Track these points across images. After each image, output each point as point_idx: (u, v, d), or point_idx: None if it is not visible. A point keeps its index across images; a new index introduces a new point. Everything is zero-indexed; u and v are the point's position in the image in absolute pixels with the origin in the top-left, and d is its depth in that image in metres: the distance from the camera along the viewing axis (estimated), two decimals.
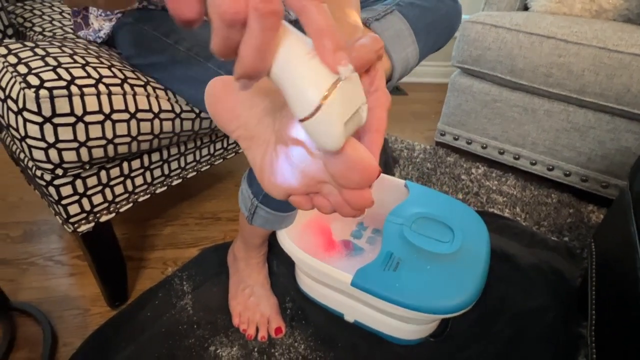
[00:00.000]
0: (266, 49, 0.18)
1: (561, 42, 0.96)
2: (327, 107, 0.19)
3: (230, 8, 0.16)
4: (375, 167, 0.24)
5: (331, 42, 0.19)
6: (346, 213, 0.25)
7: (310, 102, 0.19)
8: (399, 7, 0.51)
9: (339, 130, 0.20)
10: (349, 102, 0.21)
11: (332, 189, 0.25)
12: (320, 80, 0.19)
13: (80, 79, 0.48)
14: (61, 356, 0.63)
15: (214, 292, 0.74)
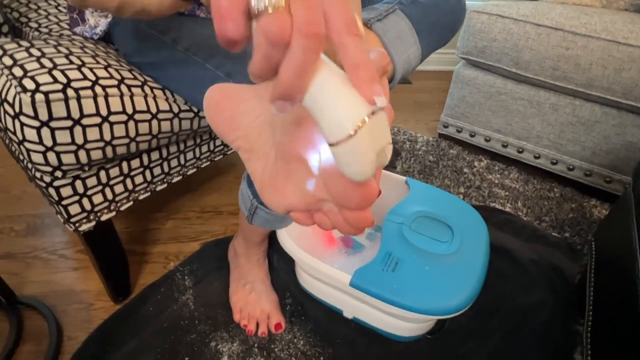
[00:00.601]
0: (306, 70, 0.18)
1: (569, 34, 0.93)
2: (362, 134, 0.19)
3: (277, 27, 0.17)
4: (375, 189, 0.24)
5: (368, 74, 0.19)
6: (346, 231, 0.25)
7: (345, 127, 0.19)
8: (402, 5, 0.49)
9: (370, 158, 0.20)
10: (380, 135, 0.21)
11: (333, 206, 0.25)
12: (358, 107, 0.19)
13: (77, 81, 0.47)
14: (66, 350, 0.65)
15: (215, 287, 0.75)
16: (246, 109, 0.29)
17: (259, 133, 0.28)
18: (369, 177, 0.21)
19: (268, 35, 0.17)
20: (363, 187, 0.23)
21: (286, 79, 0.19)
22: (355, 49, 0.20)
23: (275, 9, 0.18)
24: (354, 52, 0.20)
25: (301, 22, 0.18)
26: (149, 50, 0.54)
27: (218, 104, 0.29)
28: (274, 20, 0.17)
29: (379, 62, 0.27)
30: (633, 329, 0.49)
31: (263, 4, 0.18)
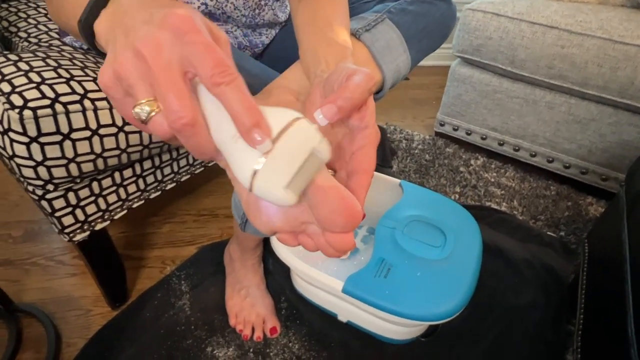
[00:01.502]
0: (199, 145, 0.22)
1: (564, 33, 0.92)
2: (259, 181, 0.21)
3: (156, 132, 0.22)
4: (359, 212, 0.24)
5: (247, 121, 0.20)
6: (329, 254, 0.26)
7: (244, 180, 0.21)
8: (390, 14, 0.49)
9: (279, 193, 0.22)
10: (288, 161, 0.22)
11: (317, 229, 0.25)
12: (245, 160, 0.21)
13: (65, 95, 0.47)
14: (65, 357, 0.66)
15: (211, 292, 0.76)
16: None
17: None
18: (291, 202, 0.22)
19: (156, 136, 0.21)
20: (347, 211, 0.23)
21: (193, 153, 0.23)
22: (231, 96, 0.21)
23: (149, 117, 0.21)
24: (231, 100, 0.21)
25: (170, 119, 0.21)
26: None
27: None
28: (151, 129, 0.22)
29: (366, 85, 0.27)
30: (622, 330, 0.49)
31: (141, 116, 0.21)
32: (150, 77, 0.21)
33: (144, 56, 0.21)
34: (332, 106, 0.26)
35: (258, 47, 0.65)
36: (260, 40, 0.65)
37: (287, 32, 0.67)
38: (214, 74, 0.20)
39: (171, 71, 0.21)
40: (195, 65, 0.21)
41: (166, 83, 0.21)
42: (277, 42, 0.67)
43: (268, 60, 0.68)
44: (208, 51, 0.20)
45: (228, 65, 0.21)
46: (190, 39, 0.21)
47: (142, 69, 0.21)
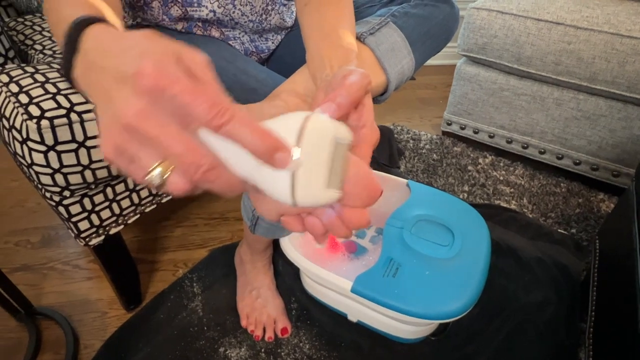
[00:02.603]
0: (224, 186, 0.22)
1: (571, 28, 0.92)
2: (300, 194, 0.21)
3: (175, 192, 0.21)
4: (379, 187, 0.25)
5: (266, 150, 0.20)
6: (340, 233, 0.26)
7: (286, 200, 0.22)
8: (394, 17, 0.50)
9: (323, 195, 0.22)
10: (318, 162, 0.22)
11: (328, 208, 0.26)
12: (278, 181, 0.21)
13: (79, 105, 0.49)
14: (83, 358, 0.68)
15: (222, 293, 0.77)
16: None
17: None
18: (337, 194, 0.23)
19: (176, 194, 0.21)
20: (371, 185, 0.25)
21: (223, 194, 0.22)
22: (238, 136, 0.20)
23: (164, 180, 0.21)
24: (240, 139, 0.20)
25: (189, 173, 0.20)
26: None
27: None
28: (170, 189, 0.21)
29: (361, 82, 0.28)
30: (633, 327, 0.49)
31: (155, 181, 0.21)
32: (151, 143, 0.20)
33: (134, 128, 0.20)
34: (331, 104, 0.27)
35: (264, 52, 0.66)
36: (266, 46, 0.66)
37: (293, 37, 0.68)
38: (212, 117, 0.20)
39: (169, 128, 0.20)
40: (190, 115, 0.20)
41: (170, 141, 0.20)
42: (283, 47, 0.68)
43: (274, 65, 0.69)
44: (195, 97, 0.19)
45: (221, 102, 0.20)
46: (171, 93, 0.19)
47: (139, 138, 0.20)
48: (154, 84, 0.19)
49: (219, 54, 0.54)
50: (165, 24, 0.56)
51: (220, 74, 0.51)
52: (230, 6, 0.56)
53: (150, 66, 0.19)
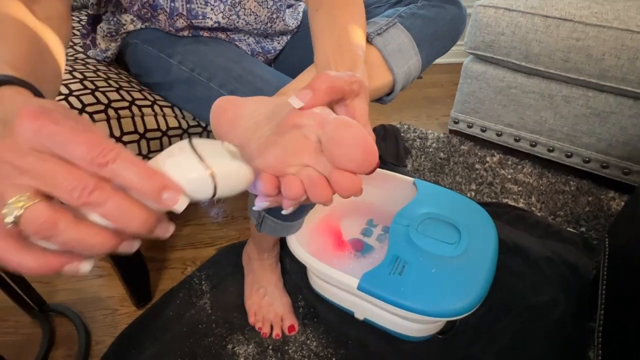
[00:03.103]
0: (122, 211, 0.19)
1: (579, 25, 0.91)
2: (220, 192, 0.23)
3: (38, 221, 0.18)
4: (376, 151, 0.25)
5: (153, 188, 0.19)
6: (321, 193, 0.26)
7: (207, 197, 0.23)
8: (401, 18, 0.50)
9: (241, 178, 0.24)
10: (222, 163, 0.23)
11: (313, 172, 0.26)
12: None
13: (91, 105, 0.50)
14: (95, 353, 0.69)
15: (230, 291, 0.78)
16: (246, 112, 0.31)
17: (256, 126, 0.30)
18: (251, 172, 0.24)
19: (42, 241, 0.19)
20: (367, 147, 0.25)
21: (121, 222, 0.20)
22: (124, 176, 0.19)
23: (23, 211, 0.18)
24: (124, 180, 0.19)
25: (65, 195, 0.18)
26: (157, 72, 0.56)
27: (224, 109, 0.31)
28: (25, 223, 0.18)
29: (341, 76, 0.28)
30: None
31: (10, 214, 0.18)
32: (22, 172, 0.18)
33: (2, 160, 0.18)
34: (308, 91, 0.26)
35: (270, 53, 0.67)
36: (272, 47, 0.67)
37: (299, 38, 0.68)
38: (95, 155, 0.18)
39: (45, 157, 0.18)
40: (70, 154, 0.18)
41: (46, 166, 0.18)
42: (290, 48, 0.69)
43: (281, 66, 0.69)
44: (76, 135, 0.18)
45: (105, 142, 0.19)
46: (49, 131, 0.18)
47: (7, 170, 0.18)
48: (34, 121, 0.18)
49: (225, 54, 0.55)
50: (172, 33, 0.57)
51: (227, 74, 0.52)
52: (234, 17, 0.57)
53: (34, 106, 0.19)
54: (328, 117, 0.26)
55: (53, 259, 0.19)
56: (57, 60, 0.34)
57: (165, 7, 0.53)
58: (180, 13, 0.54)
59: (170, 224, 0.22)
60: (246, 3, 0.56)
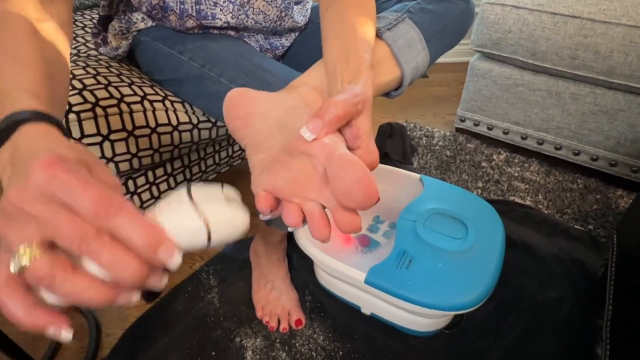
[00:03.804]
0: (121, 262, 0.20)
1: (587, 22, 0.90)
2: (214, 231, 0.23)
3: (39, 274, 0.20)
4: (376, 191, 0.26)
5: (150, 242, 0.20)
6: (320, 229, 0.27)
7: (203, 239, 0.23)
8: (410, 14, 0.51)
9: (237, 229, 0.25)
10: (219, 214, 0.24)
11: (315, 207, 0.27)
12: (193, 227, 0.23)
13: (104, 99, 0.52)
14: (105, 345, 0.70)
15: (238, 286, 0.79)
16: (259, 110, 0.32)
17: (268, 132, 0.31)
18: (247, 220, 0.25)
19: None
20: (368, 187, 0.25)
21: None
22: (123, 231, 0.20)
23: (29, 262, 0.19)
24: (125, 232, 0.20)
25: (67, 241, 0.19)
26: (168, 68, 0.57)
27: (237, 103, 0.32)
28: (31, 274, 0.19)
29: (348, 100, 0.29)
30: None
31: (19, 263, 0.19)
32: (29, 219, 0.20)
33: (14, 205, 0.20)
34: (318, 120, 0.27)
35: (279, 49, 0.68)
36: (280, 43, 0.68)
37: (308, 35, 0.69)
38: (97, 210, 0.19)
39: (53, 207, 0.20)
40: (75, 204, 0.19)
41: (52, 215, 0.19)
42: (298, 45, 0.69)
43: (289, 62, 0.70)
44: (86, 186, 0.19)
45: (111, 195, 0.20)
46: (62, 179, 0.19)
47: (19, 216, 0.20)
48: (48, 169, 0.19)
49: (235, 50, 0.56)
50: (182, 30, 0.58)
51: (237, 69, 0.53)
52: (243, 16, 0.57)
53: (51, 156, 0.20)
54: (334, 152, 0.27)
55: (40, 315, 0.20)
56: (66, 72, 0.35)
57: (175, 8, 0.54)
58: (189, 14, 0.55)
59: (164, 276, 0.22)
60: (255, 2, 0.57)
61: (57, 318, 0.20)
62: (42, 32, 0.33)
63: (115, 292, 0.20)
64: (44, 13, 0.35)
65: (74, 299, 0.20)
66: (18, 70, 0.29)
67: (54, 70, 0.32)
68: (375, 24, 0.44)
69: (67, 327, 0.20)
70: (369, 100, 0.31)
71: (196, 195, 0.23)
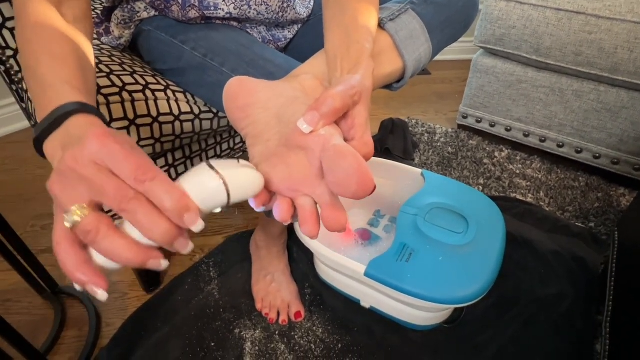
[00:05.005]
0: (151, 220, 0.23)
1: (592, 18, 0.90)
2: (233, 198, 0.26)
3: (87, 227, 0.23)
4: (372, 181, 0.26)
5: (178, 208, 0.23)
6: (306, 227, 0.28)
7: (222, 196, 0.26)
8: (413, 5, 0.50)
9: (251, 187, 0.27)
10: (237, 179, 0.26)
11: (308, 202, 0.28)
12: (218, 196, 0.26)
13: (106, 88, 0.51)
14: (104, 335, 0.70)
15: (238, 278, 0.79)
16: (259, 100, 0.32)
17: (267, 123, 0.31)
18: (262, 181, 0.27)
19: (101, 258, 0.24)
20: (362, 177, 0.25)
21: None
22: (155, 192, 0.23)
23: (79, 220, 0.23)
24: (156, 196, 0.23)
25: (109, 201, 0.23)
26: (169, 58, 0.57)
27: (237, 92, 0.32)
28: (81, 230, 0.23)
29: (345, 92, 0.29)
30: None
31: (70, 219, 0.23)
32: (83, 181, 0.23)
33: (69, 166, 0.23)
34: (315, 113, 0.28)
35: (281, 41, 0.67)
36: (283, 35, 0.67)
37: (310, 27, 0.69)
38: (136, 175, 0.22)
39: (102, 173, 0.23)
40: (119, 170, 0.23)
41: (100, 178, 0.23)
42: (301, 37, 0.69)
43: (291, 54, 0.70)
44: (129, 156, 0.23)
45: (148, 165, 0.23)
46: (110, 149, 0.23)
47: (73, 179, 0.23)
48: (100, 139, 0.23)
49: (237, 40, 0.56)
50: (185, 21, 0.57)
51: (239, 59, 0.52)
52: (245, 7, 0.57)
53: (103, 129, 0.24)
54: (329, 143, 0.27)
55: (86, 271, 0.24)
56: (93, 64, 0.38)
57: None
58: (192, 4, 0.55)
59: (189, 243, 0.25)
60: None
61: (99, 279, 0.24)
62: (68, 28, 0.36)
63: (148, 254, 0.23)
64: (67, 8, 0.38)
65: (112, 256, 0.23)
66: (56, 64, 0.32)
67: (84, 63, 0.35)
68: (378, 14, 0.44)
69: (104, 289, 0.24)
70: (366, 91, 0.31)
71: (215, 164, 0.26)
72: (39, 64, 0.32)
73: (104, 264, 0.25)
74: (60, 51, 0.33)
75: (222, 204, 0.26)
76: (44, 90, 0.31)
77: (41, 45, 0.33)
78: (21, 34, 0.35)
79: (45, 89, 0.30)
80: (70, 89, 0.30)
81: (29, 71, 0.33)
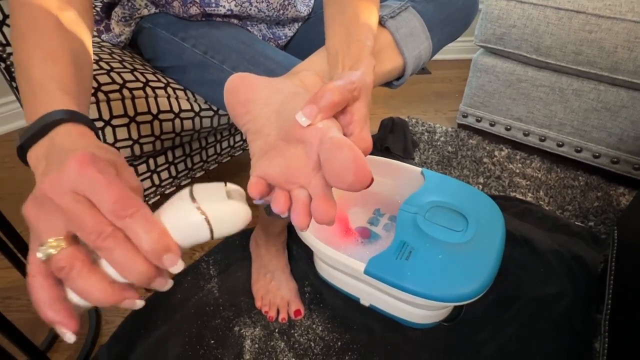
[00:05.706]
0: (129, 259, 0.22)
1: (592, 17, 0.90)
2: (214, 220, 0.25)
3: (62, 263, 0.22)
4: (369, 172, 0.26)
5: (151, 255, 0.22)
6: (296, 218, 0.28)
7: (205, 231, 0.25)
8: (413, 2, 0.50)
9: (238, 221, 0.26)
10: (220, 209, 0.25)
11: (303, 195, 0.28)
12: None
13: (106, 85, 0.52)
14: (104, 332, 0.70)
15: (238, 276, 0.79)
16: (260, 96, 0.32)
17: (267, 118, 0.31)
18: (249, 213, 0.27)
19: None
20: (358, 169, 0.25)
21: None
22: (135, 233, 0.22)
23: (55, 252, 0.22)
24: (136, 235, 0.21)
25: (85, 236, 0.22)
26: (170, 55, 0.57)
27: (238, 88, 0.32)
28: (54, 264, 0.22)
29: (343, 86, 0.29)
30: None
31: (45, 252, 0.22)
32: (60, 212, 0.22)
33: (47, 196, 0.22)
34: (313, 106, 0.27)
35: (282, 39, 0.68)
36: (283, 33, 0.67)
37: (310, 25, 0.69)
38: (116, 208, 0.21)
39: (80, 203, 0.22)
40: (98, 201, 0.22)
41: (76, 210, 0.21)
42: (301, 35, 0.69)
43: (292, 52, 0.70)
44: (110, 187, 0.22)
45: (129, 199, 0.22)
46: (90, 177, 0.22)
47: (51, 207, 0.22)
48: (81, 166, 0.22)
49: (237, 37, 0.56)
50: (186, 18, 0.58)
51: (239, 56, 0.52)
52: (246, 4, 0.57)
53: (86, 154, 0.22)
54: (326, 136, 0.27)
55: (58, 309, 0.22)
56: (91, 59, 0.36)
57: None
58: (193, 1, 0.55)
59: (169, 281, 0.24)
60: None
61: (70, 320, 0.22)
62: (65, 22, 0.34)
63: (121, 295, 0.22)
64: (66, 2, 0.35)
65: (84, 296, 0.22)
66: (49, 63, 0.31)
67: (79, 59, 0.33)
68: (378, 11, 0.44)
69: (73, 332, 0.23)
70: (366, 87, 0.31)
71: (197, 194, 0.25)
72: (30, 62, 0.31)
73: (78, 302, 0.23)
74: (55, 48, 0.32)
75: (204, 240, 0.25)
76: (34, 92, 0.29)
77: (36, 41, 0.32)
78: (16, 26, 0.33)
79: (36, 90, 0.29)
80: (61, 94, 0.29)
81: (20, 69, 0.32)
